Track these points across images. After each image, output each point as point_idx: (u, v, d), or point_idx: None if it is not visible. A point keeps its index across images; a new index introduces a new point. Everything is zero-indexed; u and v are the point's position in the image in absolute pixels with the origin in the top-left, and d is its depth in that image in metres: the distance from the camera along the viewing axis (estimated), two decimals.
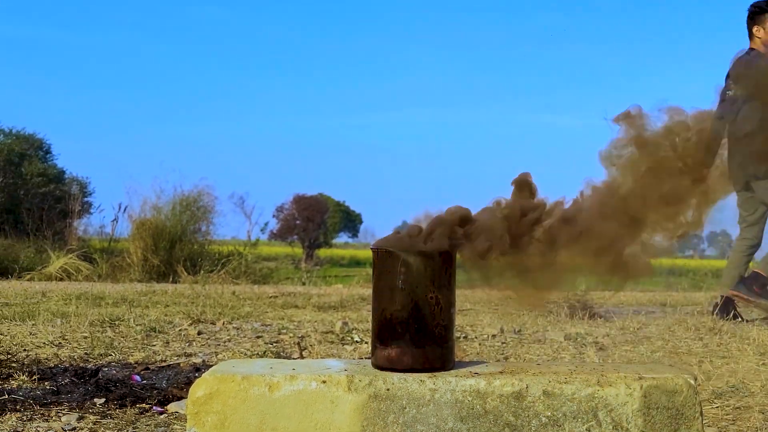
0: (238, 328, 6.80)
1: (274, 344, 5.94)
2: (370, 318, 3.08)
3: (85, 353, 5.31)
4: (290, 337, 6.31)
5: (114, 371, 4.74)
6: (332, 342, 6.13)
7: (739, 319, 7.81)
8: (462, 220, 2.80)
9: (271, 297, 10.20)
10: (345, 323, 6.98)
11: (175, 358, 5.26)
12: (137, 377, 4.52)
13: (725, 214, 2.95)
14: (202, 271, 14.64)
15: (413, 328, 2.88)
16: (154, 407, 3.86)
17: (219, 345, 5.90)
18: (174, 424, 3.61)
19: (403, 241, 2.98)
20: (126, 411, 3.79)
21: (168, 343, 5.91)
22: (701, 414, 2.82)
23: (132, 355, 5.29)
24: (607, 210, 1.79)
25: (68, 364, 4.91)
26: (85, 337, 5.89)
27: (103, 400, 3.96)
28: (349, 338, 6.33)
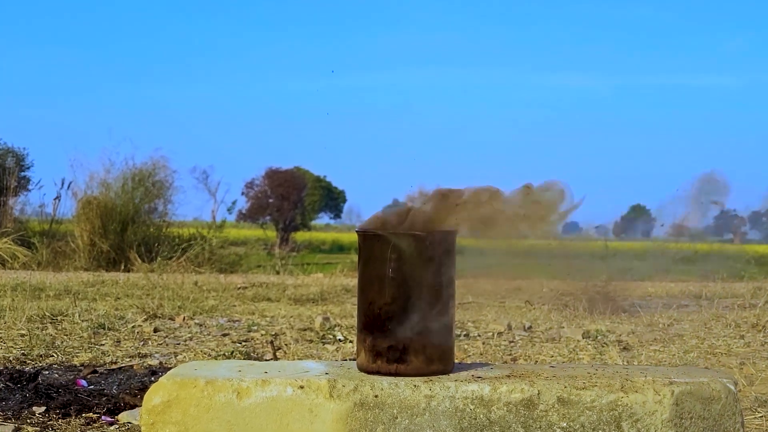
0: (201, 325, 6.81)
1: (243, 343, 5.95)
2: (355, 312, 3.08)
3: (23, 354, 5.30)
4: (262, 335, 6.32)
5: (56, 375, 4.74)
6: (311, 341, 6.13)
7: None
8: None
9: (239, 288, 10.21)
10: (326, 319, 6.99)
11: (128, 360, 5.26)
12: (83, 382, 4.52)
13: None
14: (158, 258, 14.63)
15: (406, 324, 2.88)
16: (103, 417, 3.86)
17: (179, 344, 5.90)
18: None
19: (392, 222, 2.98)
20: (70, 421, 3.78)
21: (119, 341, 5.91)
22: (742, 425, 2.84)
23: (77, 356, 5.29)
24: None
25: (2, 367, 4.90)
26: (23, 335, 5.88)
27: (43, 408, 3.95)
28: (331, 336, 6.34)
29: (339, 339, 6.24)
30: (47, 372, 4.79)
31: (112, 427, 3.74)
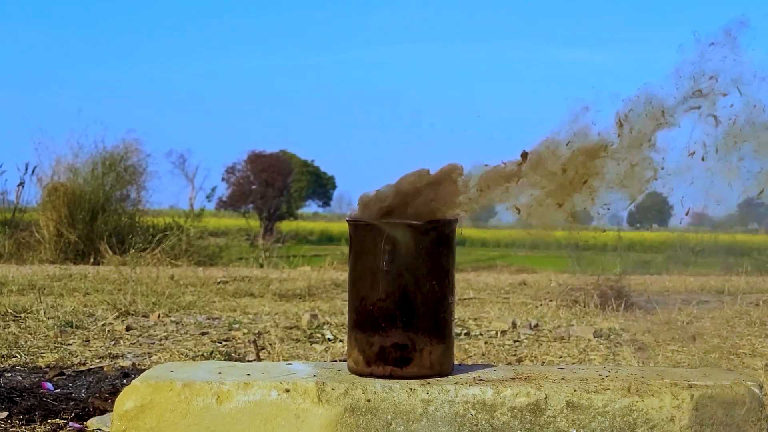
0: (177, 323, 6.81)
1: (224, 343, 5.95)
2: (345, 309, 3.08)
3: None
4: (244, 333, 6.32)
5: (19, 377, 4.73)
6: (298, 340, 6.13)
7: None
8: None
9: (219, 282, 10.21)
10: (314, 316, 6.99)
11: (98, 361, 5.26)
12: (49, 385, 4.52)
13: None
14: (131, 250, 14.60)
15: (401, 322, 2.88)
16: (71, 423, 3.86)
17: (153, 344, 5.90)
18: None
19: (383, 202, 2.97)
20: (35, 428, 3.78)
21: (88, 341, 5.91)
22: None
23: (42, 357, 5.28)
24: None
25: None
26: None
27: (5, 414, 3.95)
28: (319, 335, 6.34)
29: (328, 338, 6.24)
30: (9, 374, 4.79)
31: None
